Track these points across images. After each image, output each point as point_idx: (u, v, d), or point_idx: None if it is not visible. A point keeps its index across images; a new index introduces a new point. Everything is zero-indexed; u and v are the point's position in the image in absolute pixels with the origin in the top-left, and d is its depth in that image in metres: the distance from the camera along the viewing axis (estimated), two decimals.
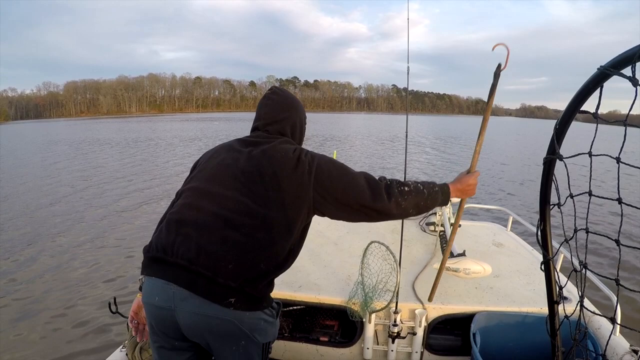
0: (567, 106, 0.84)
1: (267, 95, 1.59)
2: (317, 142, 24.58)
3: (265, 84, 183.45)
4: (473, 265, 1.92)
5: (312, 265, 2.43)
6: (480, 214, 7.64)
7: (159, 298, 1.27)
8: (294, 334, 2.17)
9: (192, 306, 1.25)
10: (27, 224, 7.69)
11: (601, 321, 1.84)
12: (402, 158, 2.39)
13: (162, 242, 1.32)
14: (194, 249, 1.27)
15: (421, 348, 2.02)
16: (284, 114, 1.54)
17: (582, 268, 0.94)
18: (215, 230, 1.29)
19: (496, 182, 12.92)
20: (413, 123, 63.97)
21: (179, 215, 1.35)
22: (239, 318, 1.28)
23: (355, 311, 1.98)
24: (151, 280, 1.31)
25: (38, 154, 19.68)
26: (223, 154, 1.47)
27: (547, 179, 0.94)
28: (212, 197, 1.35)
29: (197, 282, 1.25)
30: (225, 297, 1.25)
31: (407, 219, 3.14)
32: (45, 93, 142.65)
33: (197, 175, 1.45)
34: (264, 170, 1.35)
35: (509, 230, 3.24)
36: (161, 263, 1.30)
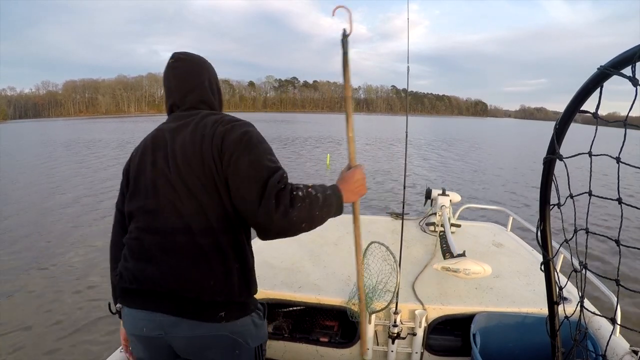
0: (567, 106, 0.84)
1: (172, 65, 1.37)
2: (311, 144, 24.25)
3: (264, 84, 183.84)
4: (473, 265, 1.92)
5: (312, 265, 2.43)
6: (481, 215, 7.64)
7: (147, 329, 1.23)
8: (293, 335, 2.17)
9: (184, 331, 1.21)
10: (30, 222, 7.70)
11: (601, 322, 1.83)
12: (403, 161, 2.38)
13: (133, 273, 1.24)
14: (169, 274, 1.20)
15: (421, 348, 2.01)
16: (197, 79, 1.36)
17: (582, 268, 0.94)
18: (184, 250, 1.20)
19: (496, 183, 12.93)
20: (413, 124, 63.96)
21: (139, 242, 1.26)
22: (232, 329, 1.25)
23: (355, 312, 1.98)
24: (133, 312, 1.25)
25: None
26: (150, 154, 1.30)
27: (547, 179, 0.94)
28: (165, 215, 1.22)
29: (183, 306, 1.20)
30: (215, 313, 1.22)
31: (407, 219, 3.15)
32: (44, 92, 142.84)
33: (137, 190, 1.30)
34: (198, 163, 1.19)
35: (509, 231, 3.23)
36: (139, 294, 1.24)
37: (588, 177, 0.78)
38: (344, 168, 1.41)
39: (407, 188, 2.78)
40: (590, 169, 0.81)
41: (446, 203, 3.05)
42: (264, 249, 2.67)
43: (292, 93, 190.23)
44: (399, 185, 10.17)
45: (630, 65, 0.68)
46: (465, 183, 12.72)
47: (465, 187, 11.74)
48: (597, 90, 0.78)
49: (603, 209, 8.39)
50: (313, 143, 25.28)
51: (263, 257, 2.53)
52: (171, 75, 1.36)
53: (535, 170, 15.26)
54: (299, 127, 46.27)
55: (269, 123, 56.02)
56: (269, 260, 2.48)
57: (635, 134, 2.86)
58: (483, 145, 28.72)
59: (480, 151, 23.78)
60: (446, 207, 3.02)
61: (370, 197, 9.97)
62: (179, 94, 1.35)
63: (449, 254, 2.18)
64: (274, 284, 2.17)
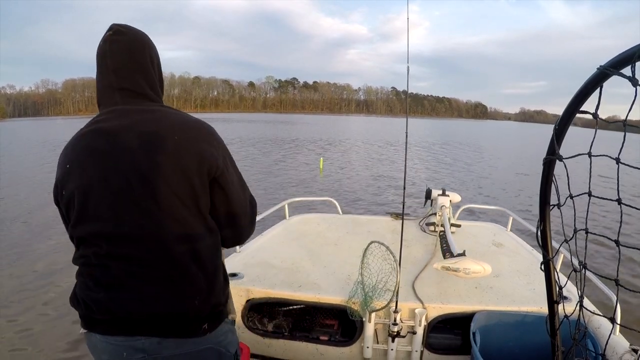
0: (567, 106, 0.84)
1: (111, 38, 1.11)
2: (309, 147, 23.92)
3: (264, 84, 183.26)
4: (473, 265, 1.93)
5: (312, 265, 2.43)
6: (481, 215, 7.65)
7: (127, 354, 1.12)
8: (293, 333, 2.18)
9: (168, 350, 1.13)
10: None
11: (601, 321, 1.84)
12: (403, 166, 2.38)
13: (103, 304, 1.10)
14: (146, 302, 1.10)
15: (421, 347, 2.02)
16: (142, 58, 1.14)
17: (582, 268, 0.94)
18: (164, 275, 1.10)
19: (496, 183, 12.93)
20: (413, 127, 63.56)
21: (105, 270, 1.10)
22: (215, 339, 1.21)
23: (355, 310, 1.99)
24: (109, 339, 1.12)
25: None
26: (94, 166, 1.08)
27: (547, 179, 0.94)
28: (135, 239, 1.08)
29: (167, 327, 1.11)
30: (199, 327, 1.16)
31: (407, 219, 3.15)
32: (44, 91, 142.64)
33: (86, 214, 1.09)
34: (174, 175, 1.07)
35: (509, 231, 3.24)
36: (113, 323, 1.11)
37: (594, 179, 0.78)
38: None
39: (409, 190, 2.79)
40: (590, 170, 0.81)
41: (446, 203, 3.06)
42: (264, 249, 2.67)
43: (292, 94, 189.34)
44: (399, 190, 10.15)
45: (630, 65, 0.68)
46: (469, 186, 12.64)
47: (469, 190, 11.67)
48: (596, 90, 0.78)
49: (603, 209, 8.40)
50: (310, 145, 25.06)
51: (263, 257, 2.53)
52: (109, 50, 1.11)
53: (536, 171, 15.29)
54: (298, 128, 45.98)
55: (268, 124, 55.57)
56: (269, 260, 2.48)
57: (636, 138, 2.86)
58: (486, 148, 28.58)
59: (483, 154, 23.70)
60: (446, 207, 3.02)
61: (370, 200, 9.98)
62: (119, 75, 1.11)
63: (449, 254, 2.18)
64: (274, 283, 2.18)
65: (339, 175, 13.51)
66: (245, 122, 58.84)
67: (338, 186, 11.64)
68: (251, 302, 2.13)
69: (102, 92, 1.14)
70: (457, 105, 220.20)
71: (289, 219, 3.33)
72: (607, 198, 0.85)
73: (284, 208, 3.33)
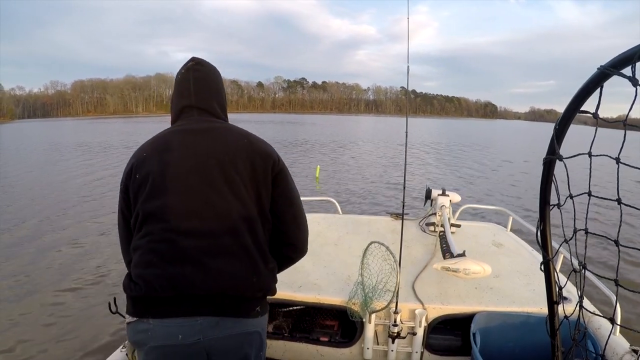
0: (567, 106, 0.84)
1: (194, 67, 1.36)
2: (320, 150, 22.51)
3: (273, 84, 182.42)
4: (473, 265, 1.92)
5: (312, 265, 2.43)
6: (480, 215, 7.65)
7: (183, 336, 1.17)
8: (293, 334, 2.17)
9: (223, 331, 1.20)
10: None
11: (601, 321, 1.84)
12: (419, 173, 2.37)
13: (166, 279, 1.17)
14: (211, 275, 1.18)
15: (421, 348, 2.02)
16: (216, 85, 1.38)
17: (582, 268, 0.94)
18: (228, 250, 1.21)
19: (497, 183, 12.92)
20: (422, 126, 62.31)
21: (171, 245, 1.19)
22: (262, 325, 1.30)
23: (355, 311, 1.99)
24: (166, 322, 1.18)
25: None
26: (172, 154, 1.25)
27: (547, 179, 0.94)
28: (198, 213, 1.20)
29: (225, 306, 1.20)
30: (253, 308, 1.26)
31: (407, 219, 3.15)
32: (53, 92, 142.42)
33: (158, 190, 1.22)
34: (246, 169, 1.25)
35: (508, 231, 3.24)
36: (175, 301, 1.18)
37: (603, 178, 0.78)
38: None
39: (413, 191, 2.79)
40: (590, 170, 0.81)
41: (446, 203, 3.05)
42: None
43: (300, 94, 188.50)
44: (411, 192, 9.77)
45: (630, 65, 0.68)
46: (480, 187, 12.31)
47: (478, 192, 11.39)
48: (597, 90, 0.78)
49: (604, 209, 8.39)
50: (323, 149, 23.41)
51: None
52: (192, 77, 1.34)
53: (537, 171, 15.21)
54: (305, 129, 44.57)
55: (276, 124, 54.53)
56: None
57: (637, 137, 2.84)
58: (496, 147, 27.94)
59: (496, 154, 22.96)
60: (446, 207, 3.02)
61: (379, 201, 9.86)
62: (199, 97, 1.33)
63: (448, 254, 2.18)
64: None
65: (347, 181, 12.70)
66: (254, 122, 57.53)
67: (348, 195, 10.67)
68: None
69: (181, 110, 1.35)
70: (466, 104, 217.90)
71: None
72: (606, 198, 0.84)
73: None
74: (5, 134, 40.61)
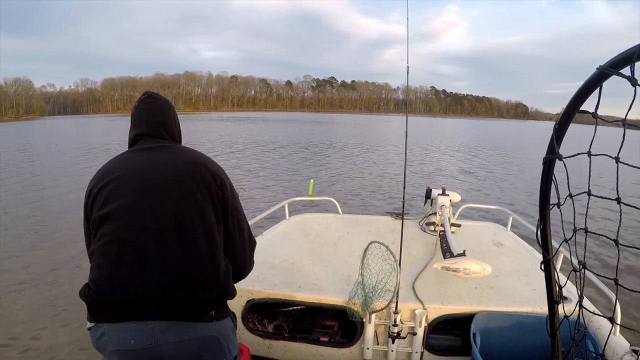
0: (567, 106, 0.84)
1: (146, 100, 1.50)
2: (352, 159, 18.16)
3: (302, 83, 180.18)
4: (473, 265, 1.92)
5: (312, 265, 2.43)
6: (481, 214, 7.64)
7: (135, 341, 1.17)
8: (293, 334, 2.18)
9: (175, 336, 1.19)
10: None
11: (601, 321, 1.84)
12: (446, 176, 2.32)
13: (117, 279, 1.18)
14: (159, 274, 1.19)
15: (421, 348, 2.02)
16: (166, 115, 1.50)
17: (582, 268, 0.94)
18: (172, 249, 1.22)
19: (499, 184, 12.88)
20: (454, 127, 59.97)
21: (119, 243, 1.22)
22: (219, 330, 1.28)
23: (355, 311, 1.99)
24: (118, 326, 1.19)
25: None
26: (122, 168, 1.34)
27: (547, 178, 0.94)
28: (150, 212, 1.25)
29: (176, 308, 1.20)
30: (207, 311, 1.24)
31: (407, 219, 3.15)
32: (84, 89, 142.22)
33: (115, 195, 1.28)
34: (197, 175, 1.33)
35: (509, 230, 3.24)
36: (125, 304, 1.18)
37: (605, 178, 0.78)
38: None
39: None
40: (590, 169, 0.81)
41: (446, 203, 3.06)
42: (264, 249, 2.67)
43: (329, 93, 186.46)
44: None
45: (629, 65, 0.68)
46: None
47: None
48: (596, 90, 0.78)
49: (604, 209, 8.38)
50: (329, 148, 21.53)
51: (263, 257, 2.53)
52: (143, 108, 1.47)
53: None
54: (331, 130, 41.03)
55: (302, 124, 52.15)
56: (269, 260, 2.48)
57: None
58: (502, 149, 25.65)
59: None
60: (446, 207, 3.02)
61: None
62: (149, 126, 1.44)
63: (449, 254, 2.18)
64: (274, 284, 2.18)
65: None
66: (283, 121, 56.02)
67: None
68: (251, 303, 2.12)
69: (134, 139, 1.45)
70: (497, 105, 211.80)
71: (288, 219, 3.33)
72: (606, 197, 0.84)
73: (284, 208, 3.33)
74: (33, 131, 40.14)
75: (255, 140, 25.50)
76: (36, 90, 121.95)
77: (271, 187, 11.32)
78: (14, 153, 19.86)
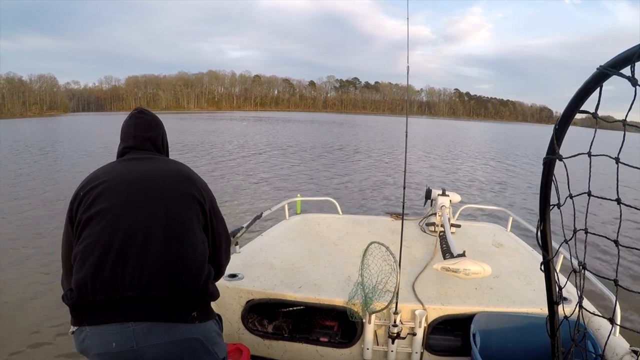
0: (567, 106, 0.84)
1: (137, 115, 1.58)
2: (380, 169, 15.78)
3: (325, 83, 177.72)
4: (473, 265, 1.92)
5: (312, 265, 2.43)
6: (480, 215, 7.64)
7: (117, 344, 1.17)
8: (293, 335, 2.17)
9: (157, 338, 1.19)
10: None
11: (601, 322, 1.84)
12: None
13: (99, 281, 1.19)
14: (139, 274, 1.20)
15: (421, 348, 2.02)
16: (154, 130, 1.57)
17: (581, 269, 0.94)
18: (152, 245, 1.24)
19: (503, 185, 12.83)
20: (479, 130, 58.61)
21: (103, 244, 1.23)
22: (202, 332, 1.27)
23: (355, 312, 1.98)
24: (99, 329, 1.19)
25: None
26: (117, 174, 1.39)
27: (547, 179, 0.94)
28: (137, 214, 1.28)
29: (156, 308, 1.20)
30: (188, 312, 1.24)
31: (407, 219, 3.15)
32: (108, 87, 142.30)
33: (102, 198, 1.31)
34: (182, 182, 1.40)
35: (508, 231, 3.24)
36: (107, 305, 1.19)
37: (608, 179, 0.77)
38: None
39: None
40: (590, 169, 0.81)
41: (446, 203, 3.05)
42: (264, 249, 2.67)
43: (353, 94, 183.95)
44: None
45: (630, 65, 0.68)
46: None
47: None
48: (597, 90, 0.78)
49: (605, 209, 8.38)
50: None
51: (263, 257, 2.53)
52: (133, 123, 1.54)
53: None
54: (352, 132, 39.32)
55: (323, 125, 50.62)
56: (269, 260, 2.48)
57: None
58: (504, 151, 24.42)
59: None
60: (446, 208, 3.02)
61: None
62: (137, 139, 1.51)
63: (448, 254, 2.18)
64: (274, 284, 2.18)
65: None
66: (306, 122, 55.21)
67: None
68: (251, 303, 2.12)
69: (122, 151, 1.51)
70: (521, 108, 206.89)
71: (288, 219, 3.33)
72: (606, 198, 0.84)
73: (284, 208, 3.33)
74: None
75: (270, 143, 24.09)
76: (60, 87, 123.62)
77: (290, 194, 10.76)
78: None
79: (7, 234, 6.88)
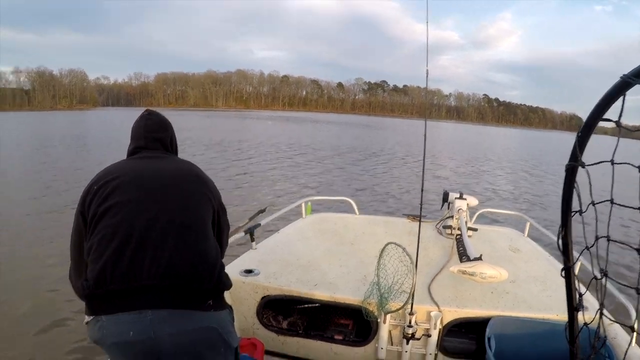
0: (590, 114, 0.85)
1: (147, 117, 1.63)
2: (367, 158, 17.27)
3: (353, 86, 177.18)
4: (489, 269, 1.92)
5: (329, 264, 2.46)
6: (498, 220, 7.54)
7: (134, 332, 1.19)
8: (308, 332, 2.20)
9: (173, 326, 1.21)
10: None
11: (617, 330, 1.82)
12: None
13: (118, 270, 1.22)
14: (156, 263, 1.23)
15: (435, 350, 2.02)
16: (164, 130, 1.63)
17: (603, 276, 0.94)
18: (169, 237, 1.28)
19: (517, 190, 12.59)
20: (510, 137, 56.91)
21: (121, 236, 1.26)
22: (218, 321, 1.31)
23: (370, 311, 2.00)
24: (116, 318, 1.21)
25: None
26: (130, 170, 1.45)
27: (569, 186, 0.95)
28: (153, 208, 1.32)
29: (173, 296, 1.23)
30: (204, 300, 1.27)
31: (424, 221, 3.15)
32: (137, 83, 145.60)
33: (117, 192, 1.35)
34: (193, 180, 1.48)
35: (526, 236, 3.20)
36: (125, 294, 1.21)
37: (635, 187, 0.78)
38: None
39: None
40: (613, 177, 0.82)
41: (463, 206, 3.04)
42: (280, 246, 2.71)
43: (381, 97, 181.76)
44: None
45: None
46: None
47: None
48: (620, 99, 0.78)
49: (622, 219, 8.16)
50: (362, 156, 19.31)
51: (279, 254, 2.57)
52: (144, 124, 1.59)
53: None
54: (380, 135, 38.75)
55: (350, 127, 49.38)
56: (286, 257, 2.52)
57: None
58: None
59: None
60: (463, 211, 3.00)
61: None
62: (147, 140, 1.56)
63: (465, 257, 2.18)
64: (290, 281, 2.21)
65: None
66: (335, 123, 54.52)
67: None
68: (266, 299, 2.16)
69: (134, 150, 1.56)
70: (550, 116, 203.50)
71: (305, 218, 3.36)
72: (629, 206, 0.85)
73: (301, 207, 3.37)
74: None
75: (291, 144, 23.07)
76: (90, 81, 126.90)
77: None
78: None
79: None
